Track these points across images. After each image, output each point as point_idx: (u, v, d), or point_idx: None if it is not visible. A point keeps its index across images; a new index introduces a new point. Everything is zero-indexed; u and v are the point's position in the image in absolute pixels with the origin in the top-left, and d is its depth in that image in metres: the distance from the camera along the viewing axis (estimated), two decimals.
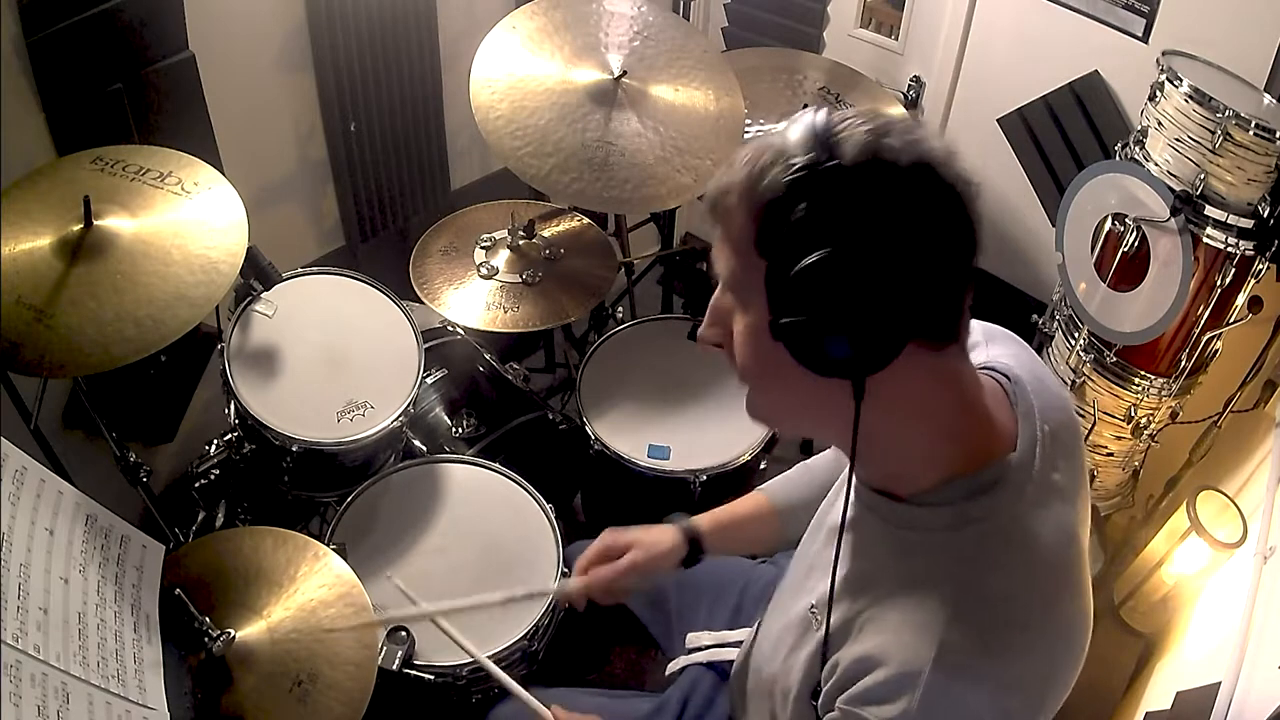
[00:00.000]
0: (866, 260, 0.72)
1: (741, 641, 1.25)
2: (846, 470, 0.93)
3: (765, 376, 0.82)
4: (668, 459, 1.84)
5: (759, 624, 1.19)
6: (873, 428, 0.79)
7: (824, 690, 0.87)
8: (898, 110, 2.24)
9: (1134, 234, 1.74)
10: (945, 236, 0.75)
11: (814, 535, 1.06)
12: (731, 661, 1.26)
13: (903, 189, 0.73)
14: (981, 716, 0.77)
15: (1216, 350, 1.82)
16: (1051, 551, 0.83)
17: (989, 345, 0.95)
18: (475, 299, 1.92)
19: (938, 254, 0.74)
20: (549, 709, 1.20)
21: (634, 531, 1.26)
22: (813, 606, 0.94)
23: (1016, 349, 0.96)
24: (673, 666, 1.36)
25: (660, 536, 1.25)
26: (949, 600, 0.78)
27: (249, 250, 1.49)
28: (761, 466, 1.92)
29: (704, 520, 1.28)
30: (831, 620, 0.89)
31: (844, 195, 0.72)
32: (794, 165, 0.73)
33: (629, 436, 1.86)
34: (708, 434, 1.89)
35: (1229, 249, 1.63)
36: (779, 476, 1.34)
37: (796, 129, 0.76)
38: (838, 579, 0.89)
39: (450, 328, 2.01)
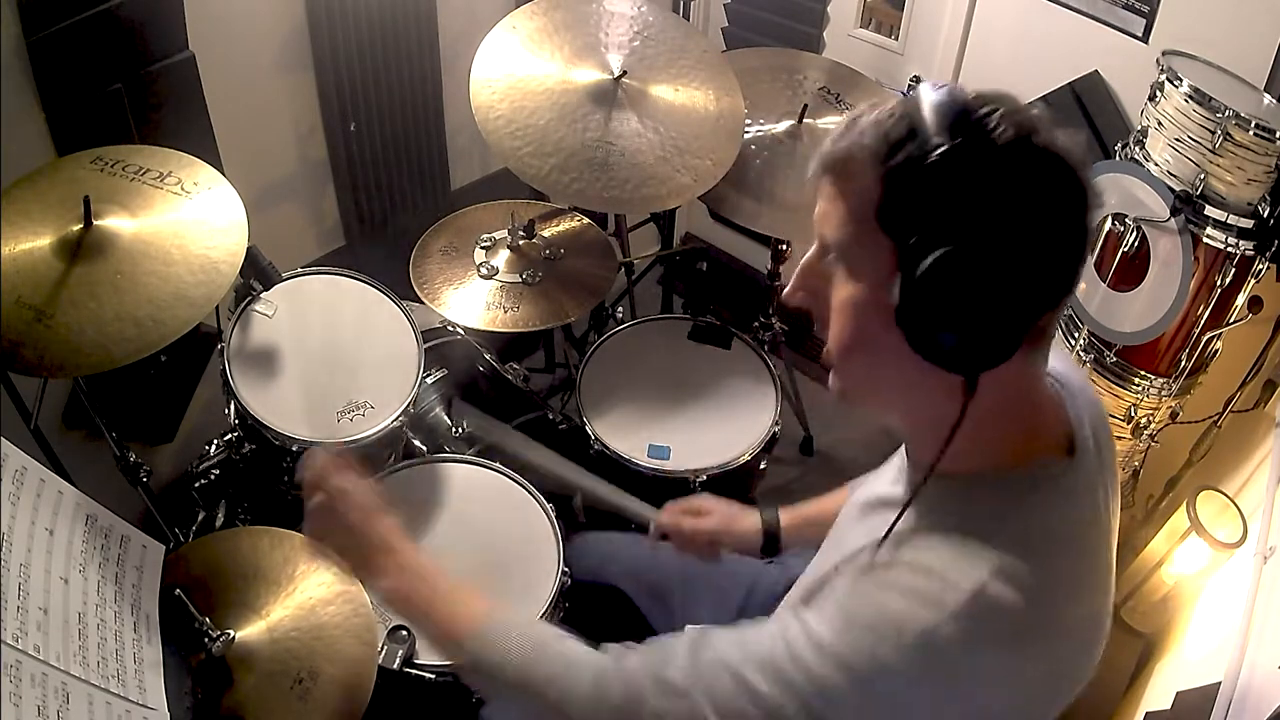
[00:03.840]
0: (1003, 257, 0.70)
1: None
2: (903, 451, 0.94)
3: (866, 353, 0.80)
4: (668, 459, 1.84)
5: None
6: (955, 415, 0.77)
7: None
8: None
9: (1134, 234, 1.74)
10: (1071, 239, 0.74)
11: (846, 517, 1.05)
12: None
13: (1047, 185, 0.71)
14: (995, 693, 0.76)
15: (1216, 350, 1.82)
16: (1089, 552, 0.84)
17: None
18: (475, 299, 1.92)
19: (1063, 255, 0.74)
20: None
21: (723, 504, 1.32)
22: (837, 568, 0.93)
23: (1059, 355, 0.95)
24: None
25: (742, 516, 1.31)
26: (994, 559, 0.75)
27: (249, 250, 1.49)
28: (762, 466, 1.92)
29: (787, 515, 1.32)
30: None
31: (993, 183, 0.70)
32: (938, 144, 0.70)
33: (629, 436, 1.86)
34: (708, 434, 1.89)
35: (1229, 249, 1.63)
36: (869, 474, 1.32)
37: (931, 105, 0.73)
38: (871, 540, 0.86)
39: (450, 328, 2.01)
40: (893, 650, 0.72)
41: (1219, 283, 1.68)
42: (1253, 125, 1.56)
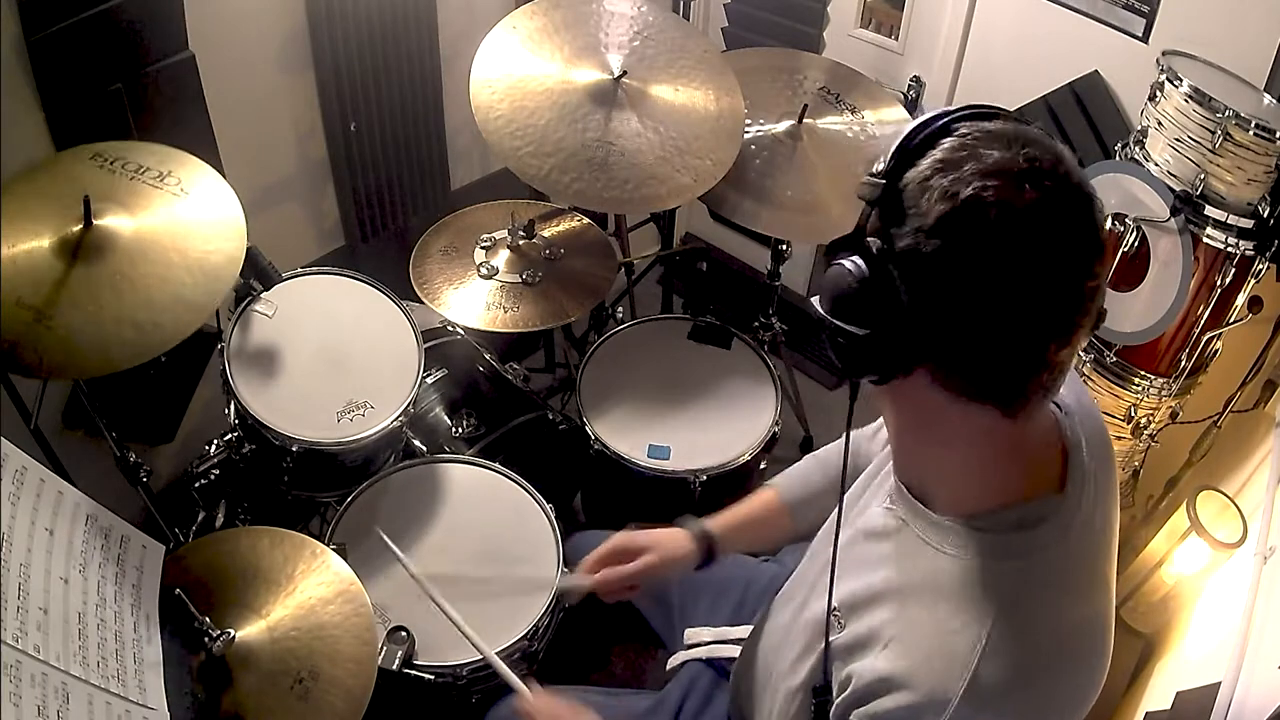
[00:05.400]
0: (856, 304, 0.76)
1: (743, 638, 1.25)
2: (885, 472, 0.96)
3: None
4: (668, 459, 1.84)
5: (763, 619, 1.19)
6: (922, 442, 0.84)
7: (839, 699, 0.88)
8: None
9: (1134, 234, 1.74)
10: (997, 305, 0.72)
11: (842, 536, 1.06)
12: (731, 658, 1.26)
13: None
14: None
15: (1216, 350, 1.82)
16: (1086, 586, 0.85)
17: None
18: (475, 299, 1.92)
19: (950, 308, 0.73)
20: (526, 686, 1.21)
21: (648, 535, 1.25)
22: (836, 609, 0.94)
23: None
24: (673, 662, 1.36)
25: (676, 541, 1.24)
26: (983, 632, 0.78)
27: (249, 250, 1.49)
28: (761, 466, 1.92)
29: (717, 524, 1.27)
30: (853, 628, 0.89)
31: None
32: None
33: (629, 436, 1.86)
34: (708, 434, 1.89)
35: (1229, 249, 1.63)
36: (788, 470, 1.33)
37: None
38: (865, 586, 0.89)
39: (450, 328, 2.01)
40: None
41: (1219, 283, 1.68)
42: (1253, 125, 1.56)
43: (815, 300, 0.79)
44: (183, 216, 1.47)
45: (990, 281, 0.70)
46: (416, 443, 1.84)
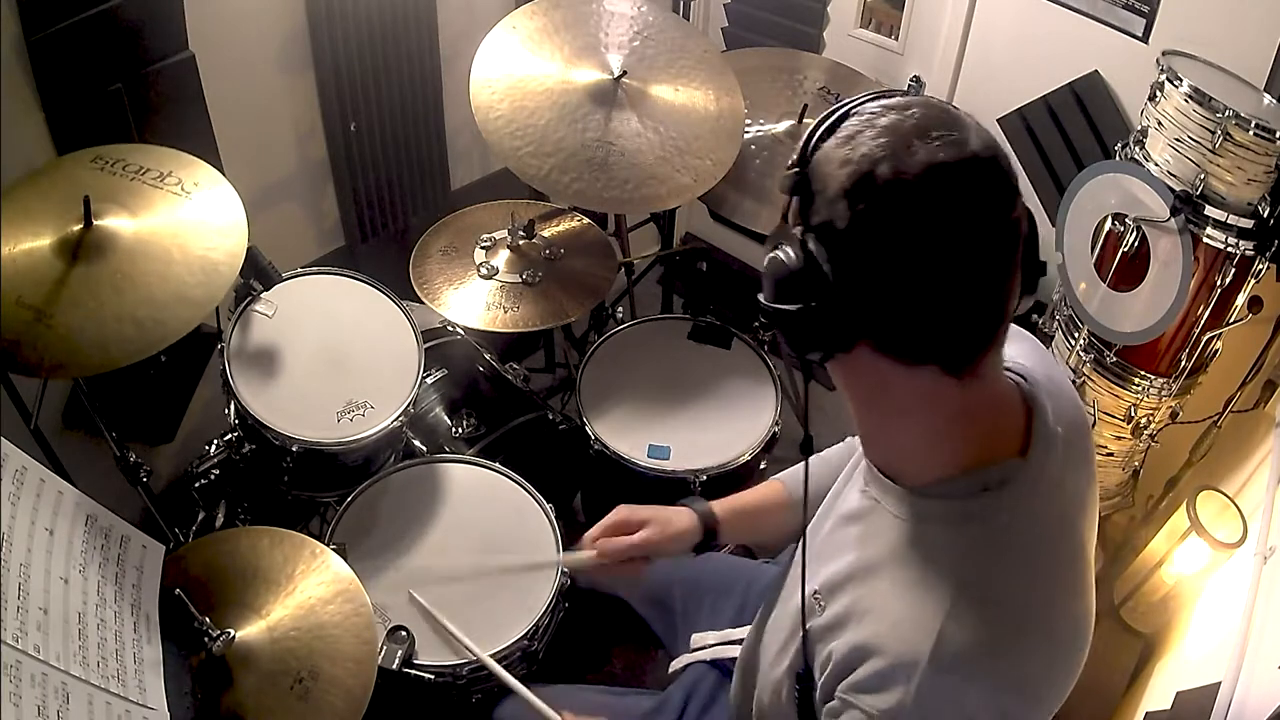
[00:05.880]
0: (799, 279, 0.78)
1: (744, 639, 1.25)
2: (854, 458, 0.95)
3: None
4: (668, 459, 1.84)
5: (760, 618, 1.19)
6: (879, 416, 0.84)
7: (822, 679, 0.89)
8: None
9: (1134, 234, 1.74)
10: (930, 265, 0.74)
11: (820, 523, 1.06)
12: (734, 659, 1.26)
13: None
14: (978, 714, 0.78)
15: (1216, 350, 1.82)
16: (1056, 553, 0.84)
17: (1007, 344, 0.95)
18: (475, 299, 1.92)
19: (876, 282, 0.75)
20: (559, 714, 1.21)
21: (648, 509, 1.23)
22: (816, 592, 0.94)
23: (1031, 348, 0.96)
24: (676, 664, 1.36)
25: (676, 516, 1.22)
26: (948, 596, 0.79)
27: (249, 250, 1.49)
28: (761, 466, 1.92)
29: (720, 506, 1.26)
30: (832, 609, 0.90)
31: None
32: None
33: (629, 436, 1.86)
34: (708, 434, 1.89)
35: (1229, 249, 1.63)
36: (795, 466, 1.33)
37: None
38: (843, 567, 0.90)
39: (450, 328, 2.01)
40: None
41: (1219, 283, 1.68)
42: (1253, 125, 1.56)
43: (760, 296, 0.82)
44: (183, 215, 1.47)
45: (897, 236, 0.73)
46: (416, 443, 1.84)
